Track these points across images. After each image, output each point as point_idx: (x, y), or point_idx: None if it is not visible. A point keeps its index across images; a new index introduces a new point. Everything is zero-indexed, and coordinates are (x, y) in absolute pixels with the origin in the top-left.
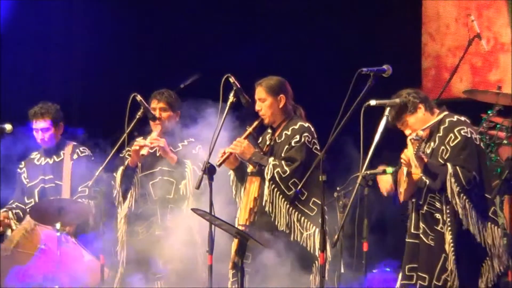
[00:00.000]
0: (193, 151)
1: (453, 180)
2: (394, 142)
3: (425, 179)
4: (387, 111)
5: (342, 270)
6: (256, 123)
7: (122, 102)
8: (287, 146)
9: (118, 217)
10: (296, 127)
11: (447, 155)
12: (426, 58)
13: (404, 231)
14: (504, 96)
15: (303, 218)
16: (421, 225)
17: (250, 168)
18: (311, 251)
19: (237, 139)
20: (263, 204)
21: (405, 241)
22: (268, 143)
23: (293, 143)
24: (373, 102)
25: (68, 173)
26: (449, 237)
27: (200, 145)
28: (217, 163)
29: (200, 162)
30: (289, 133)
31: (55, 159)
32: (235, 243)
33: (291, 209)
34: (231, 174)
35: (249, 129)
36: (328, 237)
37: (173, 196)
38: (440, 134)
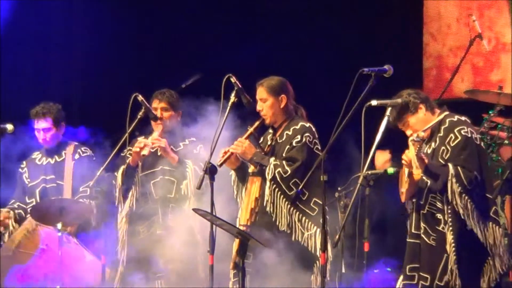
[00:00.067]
0: (194, 151)
1: (454, 181)
2: (396, 142)
3: (426, 179)
4: (388, 111)
5: (343, 270)
6: (257, 123)
7: (123, 102)
8: (288, 146)
9: (119, 216)
10: (297, 127)
11: (447, 155)
12: (427, 58)
13: (405, 231)
14: (505, 96)
15: (304, 218)
16: (422, 225)
17: (251, 168)
18: (312, 251)
19: (238, 139)
20: (264, 204)
21: (405, 241)
22: (269, 143)
23: (294, 143)
24: (374, 102)
25: (69, 173)
26: (450, 237)
27: (201, 144)
28: (218, 163)
29: (201, 162)
30: (290, 133)
31: (56, 159)
32: (236, 243)
33: (292, 209)
34: (232, 174)
35: (250, 129)
36: (329, 237)
37: (174, 195)
38: (441, 134)
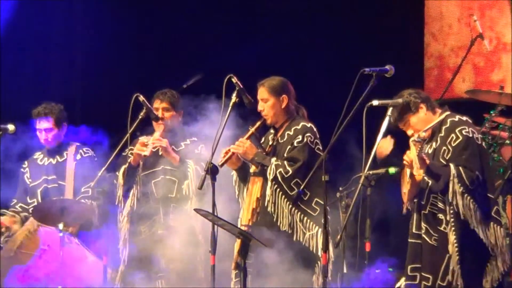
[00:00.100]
0: (195, 151)
1: (456, 181)
2: (397, 142)
3: (427, 179)
4: (389, 111)
5: (344, 270)
6: (258, 123)
7: (124, 102)
8: (289, 146)
9: (121, 216)
10: (299, 127)
11: (449, 155)
12: (428, 58)
13: (406, 231)
14: (507, 96)
15: (305, 218)
16: (424, 225)
17: (252, 169)
18: (314, 251)
19: (240, 139)
20: (265, 204)
21: (407, 241)
22: (270, 143)
23: (295, 143)
24: (375, 102)
25: (71, 173)
26: (452, 237)
27: (203, 144)
28: (219, 163)
29: (203, 162)
30: (291, 133)
31: (58, 159)
32: (237, 243)
33: (293, 209)
34: (233, 174)
35: (252, 129)
36: (330, 237)
37: (175, 195)
38: (442, 134)
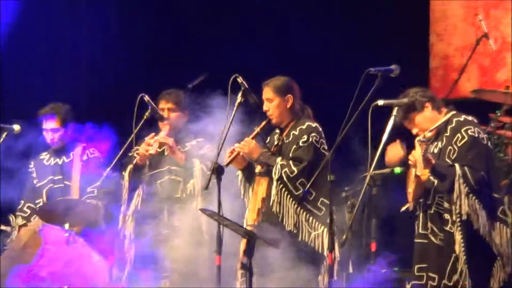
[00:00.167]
0: (201, 151)
1: (461, 181)
2: (403, 142)
3: (433, 179)
4: (395, 111)
5: (350, 270)
6: (263, 123)
7: (130, 102)
8: (294, 146)
9: (126, 216)
10: (304, 127)
11: (454, 155)
12: (433, 58)
13: (412, 231)
14: None
15: (311, 218)
16: (429, 225)
17: (258, 169)
18: (320, 251)
19: (245, 139)
20: (271, 204)
21: (413, 241)
22: (276, 143)
23: (300, 143)
24: (381, 102)
25: (77, 174)
26: (459, 237)
27: (209, 144)
28: (224, 163)
29: (209, 162)
30: (296, 133)
31: (64, 160)
32: (243, 243)
33: (299, 209)
34: (239, 174)
35: (257, 129)
36: (336, 237)
37: (180, 195)
38: (447, 134)
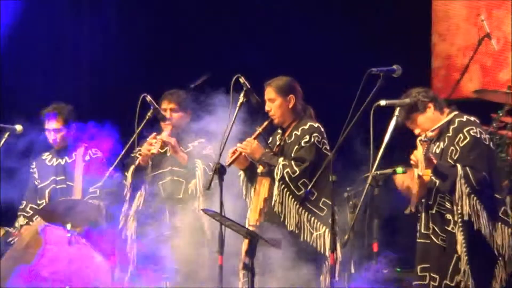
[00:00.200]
0: (203, 152)
1: (463, 181)
2: (405, 142)
3: (434, 179)
4: (397, 111)
5: (352, 271)
6: (265, 124)
7: (132, 102)
8: (296, 146)
9: (128, 216)
10: (306, 127)
11: (456, 155)
12: (436, 58)
13: (414, 231)
14: None
15: (313, 218)
16: (431, 225)
17: (260, 169)
18: (321, 251)
19: (247, 139)
20: (273, 204)
21: (415, 241)
22: (278, 143)
23: (302, 143)
24: (383, 103)
25: (79, 174)
26: (460, 237)
27: (210, 145)
28: (227, 163)
29: (211, 162)
30: (298, 133)
31: (67, 160)
32: (245, 243)
33: (300, 209)
34: (241, 174)
35: (259, 129)
36: (338, 238)
37: (182, 196)
38: (450, 134)
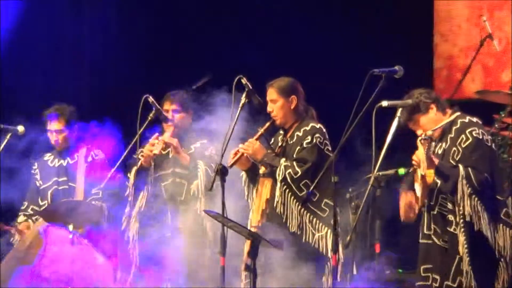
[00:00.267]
0: (205, 153)
1: (464, 182)
2: (407, 143)
3: (436, 180)
4: (399, 112)
5: (354, 272)
6: (267, 124)
7: (134, 103)
8: (298, 147)
9: (130, 217)
10: (308, 128)
11: (458, 156)
12: (438, 58)
13: (416, 232)
14: None
15: (315, 219)
16: (433, 226)
17: (262, 170)
18: (323, 252)
19: (249, 140)
20: (275, 205)
21: (417, 242)
22: (280, 144)
23: (304, 144)
24: (385, 103)
25: (81, 175)
26: (462, 238)
27: (212, 146)
28: (228, 164)
29: (213, 163)
30: (300, 134)
31: (69, 161)
32: (247, 244)
33: (302, 210)
34: (243, 175)
35: (261, 130)
36: (340, 239)
37: (184, 197)
38: (452, 135)
